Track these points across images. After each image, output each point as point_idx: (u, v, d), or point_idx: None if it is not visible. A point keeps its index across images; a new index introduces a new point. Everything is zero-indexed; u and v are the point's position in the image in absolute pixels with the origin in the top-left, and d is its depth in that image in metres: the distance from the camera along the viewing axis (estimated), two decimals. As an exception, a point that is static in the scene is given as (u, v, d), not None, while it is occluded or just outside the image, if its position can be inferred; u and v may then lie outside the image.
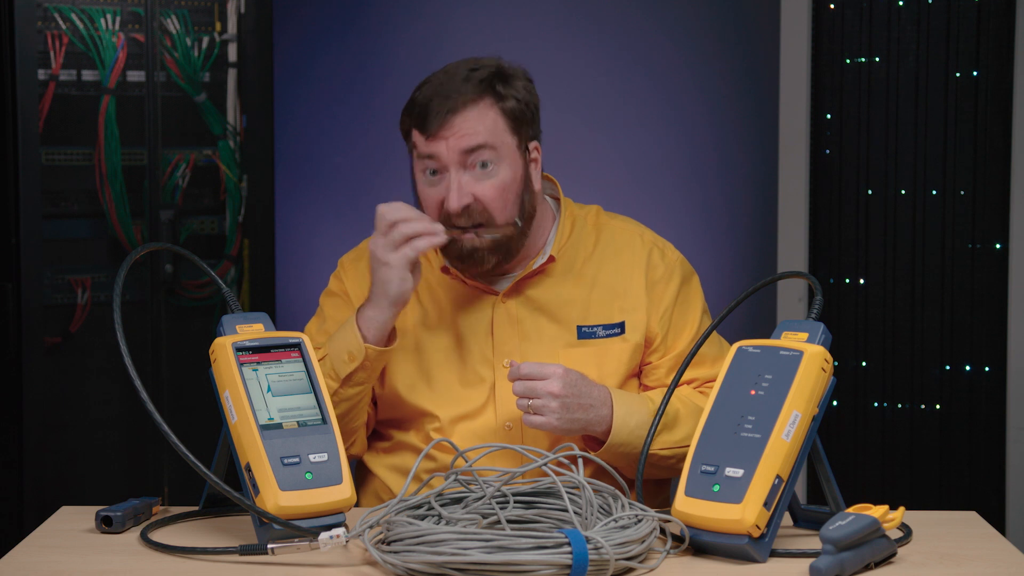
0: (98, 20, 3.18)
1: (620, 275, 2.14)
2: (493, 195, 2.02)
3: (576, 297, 2.12)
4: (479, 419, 2.08)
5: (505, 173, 2.03)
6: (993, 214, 3.49)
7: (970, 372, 3.54)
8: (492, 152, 2.02)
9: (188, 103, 3.30)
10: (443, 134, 2.01)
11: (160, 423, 1.64)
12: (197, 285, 3.32)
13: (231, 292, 1.89)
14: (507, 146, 2.04)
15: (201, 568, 1.62)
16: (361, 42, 3.87)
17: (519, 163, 2.06)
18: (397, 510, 1.64)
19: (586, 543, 1.52)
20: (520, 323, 2.10)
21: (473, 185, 2.02)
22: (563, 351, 2.09)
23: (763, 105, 3.72)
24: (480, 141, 2.01)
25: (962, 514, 1.88)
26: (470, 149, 2.01)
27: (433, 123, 2.01)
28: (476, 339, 2.10)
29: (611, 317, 2.12)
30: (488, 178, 2.02)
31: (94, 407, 3.23)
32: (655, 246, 2.18)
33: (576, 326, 2.10)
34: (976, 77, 3.49)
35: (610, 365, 2.10)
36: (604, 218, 2.20)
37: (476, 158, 2.01)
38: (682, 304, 2.15)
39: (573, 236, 2.15)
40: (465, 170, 2.02)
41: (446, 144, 2.01)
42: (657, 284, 2.14)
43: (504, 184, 2.03)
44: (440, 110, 2.01)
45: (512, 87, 2.06)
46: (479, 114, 2.02)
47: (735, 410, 1.69)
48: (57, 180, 3.16)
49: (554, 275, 2.13)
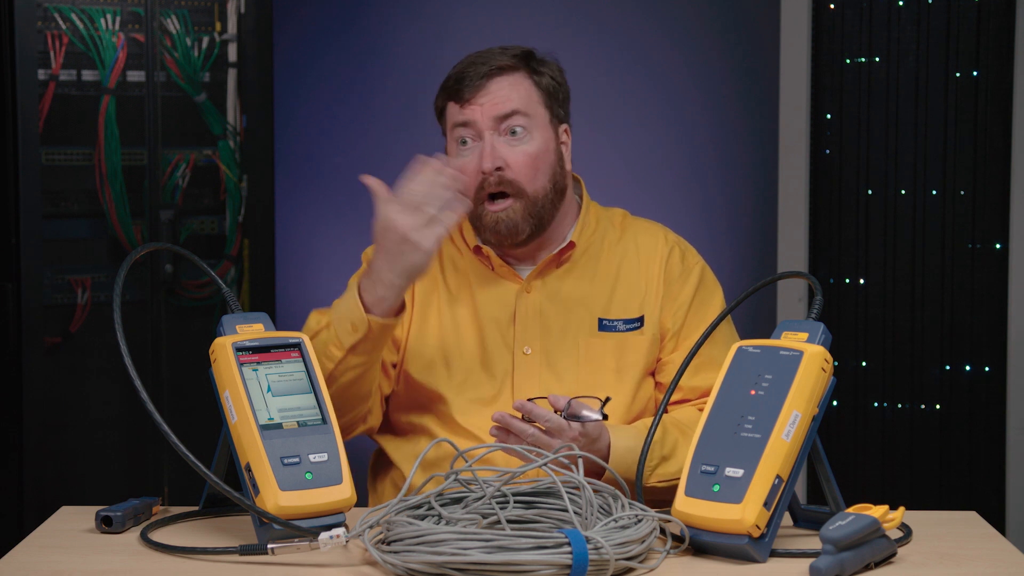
0: (98, 20, 3.18)
1: (641, 270, 2.17)
2: (524, 161, 2.07)
3: (598, 290, 2.15)
4: (495, 405, 2.09)
5: (537, 143, 2.09)
6: (993, 214, 3.49)
7: (970, 372, 3.54)
8: (525, 119, 2.08)
9: (188, 103, 3.30)
10: (478, 99, 2.07)
11: (160, 423, 1.64)
12: (197, 285, 3.32)
13: (231, 292, 1.89)
14: (540, 117, 2.10)
15: (201, 568, 1.62)
16: (361, 42, 3.87)
17: (551, 136, 2.12)
18: (397, 510, 1.64)
19: (586, 543, 1.52)
20: (542, 314, 2.12)
21: (505, 151, 2.07)
22: (583, 342, 2.11)
23: (763, 105, 3.72)
24: (513, 107, 2.07)
25: (962, 514, 1.88)
26: (503, 115, 2.07)
27: (468, 89, 2.07)
28: (498, 325, 2.12)
29: (631, 312, 2.14)
30: (520, 144, 2.08)
31: (94, 407, 3.23)
32: (677, 246, 2.21)
33: (597, 318, 2.12)
34: (976, 77, 3.49)
35: (629, 357, 2.11)
36: (629, 219, 2.25)
37: (509, 124, 2.07)
38: (699, 306, 2.16)
39: (599, 231, 2.19)
40: (499, 135, 2.07)
41: (480, 110, 2.07)
42: (674, 281, 2.16)
43: (536, 153, 2.08)
44: (475, 75, 2.08)
45: (546, 66, 2.14)
46: (514, 82, 2.09)
47: (735, 410, 1.69)
48: (57, 180, 3.16)
49: (578, 267, 2.16)
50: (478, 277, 2.16)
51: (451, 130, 2.12)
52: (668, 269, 2.17)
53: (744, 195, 3.80)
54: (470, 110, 2.08)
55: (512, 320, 2.13)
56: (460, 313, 2.14)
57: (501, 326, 2.12)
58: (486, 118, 2.07)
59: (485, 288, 2.15)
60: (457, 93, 2.09)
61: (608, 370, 2.11)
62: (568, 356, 2.11)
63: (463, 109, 2.08)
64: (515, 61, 2.10)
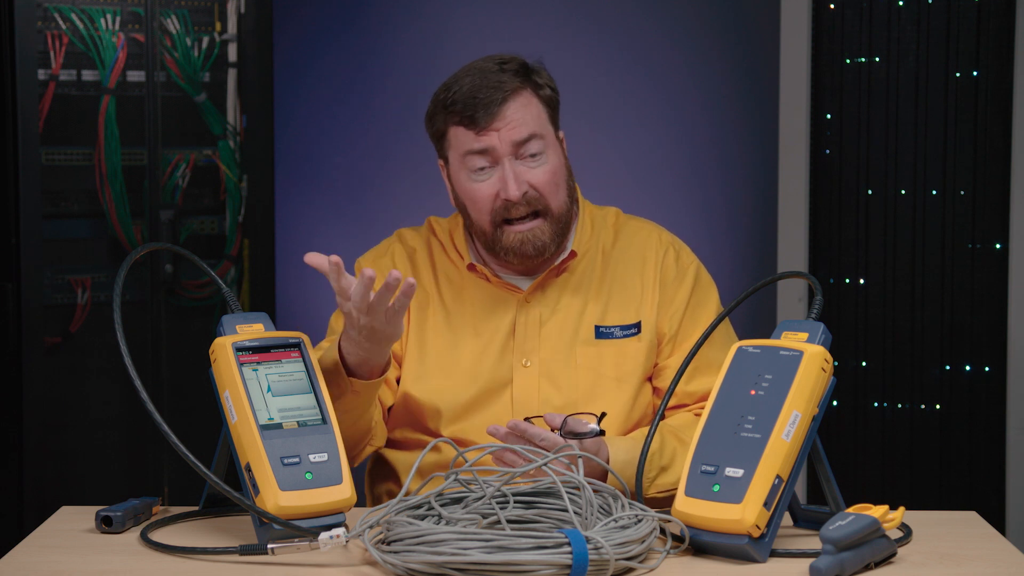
0: (98, 20, 3.18)
1: (636, 275, 2.15)
2: (547, 180, 2.06)
3: (595, 298, 2.13)
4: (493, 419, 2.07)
5: (553, 160, 2.08)
6: (993, 214, 3.49)
7: (970, 372, 3.54)
8: (540, 142, 2.07)
9: (188, 103, 3.30)
10: (495, 125, 2.04)
11: (160, 423, 1.64)
12: (197, 285, 3.33)
13: (231, 292, 1.89)
14: (550, 134, 2.09)
15: (201, 568, 1.62)
16: (361, 42, 3.87)
17: (559, 150, 2.11)
18: (397, 510, 1.64)
19: (586, 543, 1.52)
20: (542, 326, 2.11)
21: (527, 174, 2.05)
22: (581, 351, 2.10)
23: (763, 105, 3.72)
24: (531, 131, 2.05)
25: (962, 514, 1.88)
26: (522, 140, 2.05)
27: (483, 116, 2.03)
28: (498, 338, 2.11)
29: (628, 318, 2.13)
30: (539, 165, 2.06)
31: (94, 407, 3.23)
32: (672, 246, 2.19)
33: (595, 326, 2.11)
34: (976, 77, 3.49)
35: (627, 365, 2.10)
36: (623, 219, 2.22)
37: (527, 149, 2.05)
38: (695, 308, 2.15)
39: (593, 236, 2.18)
40: (517, 160, 2.05)
41: (498, 136, 2.04)
42: (670, 284, 2.14)
43: (555, 170, 2.07)
44: (490, 102, 2.03)
45: (542, 77, 2.12)
46: (524, 103, 2.06)
47: (735, 410, 1.69)
48: (57, 180, 3.16)
49: (576, 276, 2.14)
50: (476, 290, 2.14)
51: (462, 157, 2.07)
52: (663, 272, 2.15)
53: (744, 195, 3.80)
54: (487, 137, 2.04)
55: (512, 333, 2.11)
56: (458, 327, 2.13)
57: (501, 337, 2.11)
58: (505, 144, 2.04)
59: (483, 301, 2.13)
60: (470, 120, 2.04)
61: (607, 378, 2.09)
62: (567, 366, 2.10)
63: (479, 136, 2.04)
64: (520, 81, 2.07)
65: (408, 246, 2.20)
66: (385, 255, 2.18)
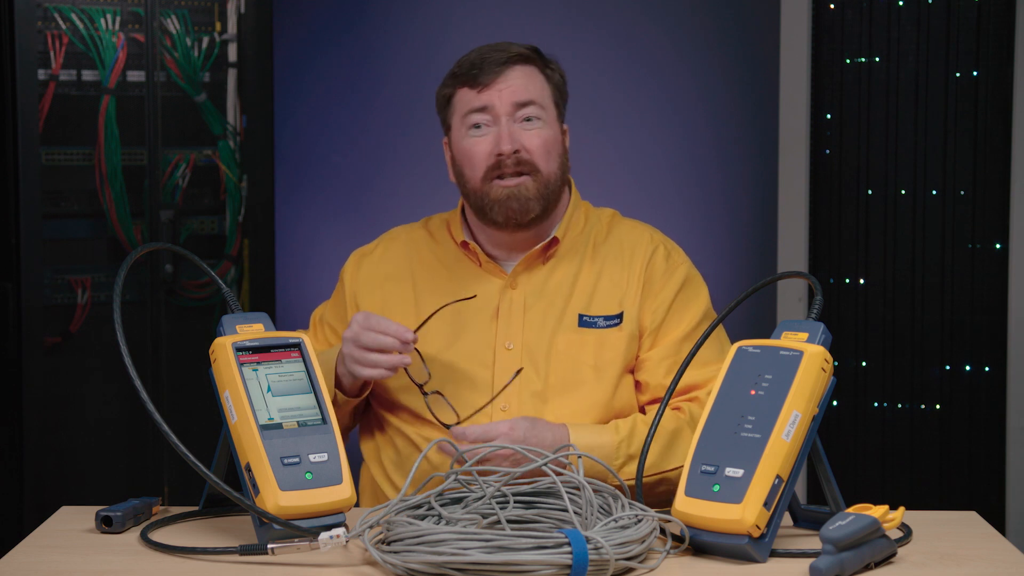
0: (98, 20, 3.18)
1: (624, 268, 2.18)
2: (539, 144, 2.12)
3: (581, 286, 2.16)
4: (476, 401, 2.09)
5: (549, 131, 2.14)
6: (993, 214, 3.49)
7: (970, 372, 3.54)
8: (539, 109, 2.13)
9: (188, 103, 3.30)
10: (497, 85, 2.11)
11: (160, 423, 1.64)
12: (197, 285, 3.33)
13: (231, 292, 1.89)
14: (550, 110, 2.16)
15: (201, 568, 1.62)
16: (361, 42, 3.87)
17: (558, 130, 2.17)
18: (397, 510, 1.64)
19: (586, 543, 1.52)
20: (525, 310, 2.14)
21: (521, 135, 2.11)
22: (563, 337, 2.11)
23: (763, 105, 3.72)
24: (530, 97, 2.12)
25: (962, 514, 1.88)
26: (521, 103, 2.12)
27: (486, 75, 2.12)
28: (481, 320, 2.14)
29: (611, 308, 2.15)
30: (535, 129, 2.12)
31: (94, 407, 3.23)
32: (662, 245, 2.21)
33: (579, 314, 2.13)
34: (976, 77, 3.49)
35: (608, 354, 2.12)
36: (618, 219, 2.27)
37: (524, 113, 2.12)
38: (680, 305, 2.16)
39: (586, 228, 2.21)
40: (514, 121, 2.11)
41: (499, 95, 2.11)
42: (656, 279, 2.16)
43: (549, 138, 2.13)
44: (494, 61, 2.12)
45: (554, 66, 2.20)
46: (529, 74, 2.14)
47: (735, 410, 1.69)
48: (57, 180, 3.16)
49: (563, 264, 2.18)
50: (463, 273, 2.18)
51: (463, 116, 2.14)
52: (651, 267, 2.18)
53: (744, 195, 3.80)
54: (488, 95, 2.11)
55: (495, 315, 2.14)
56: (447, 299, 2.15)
57: (484, 320, 2.14)
58: (504, 103, 2.11)
59: (469, 284, 2.16)
60: (473, 79, 2.12)
61: (586, 366, 2.11)
62: (548, 351, 2.12)
63: (480, 94, 2.12)
64: (528, 55, 2.15)
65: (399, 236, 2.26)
66: (377, 248, 2.25)
